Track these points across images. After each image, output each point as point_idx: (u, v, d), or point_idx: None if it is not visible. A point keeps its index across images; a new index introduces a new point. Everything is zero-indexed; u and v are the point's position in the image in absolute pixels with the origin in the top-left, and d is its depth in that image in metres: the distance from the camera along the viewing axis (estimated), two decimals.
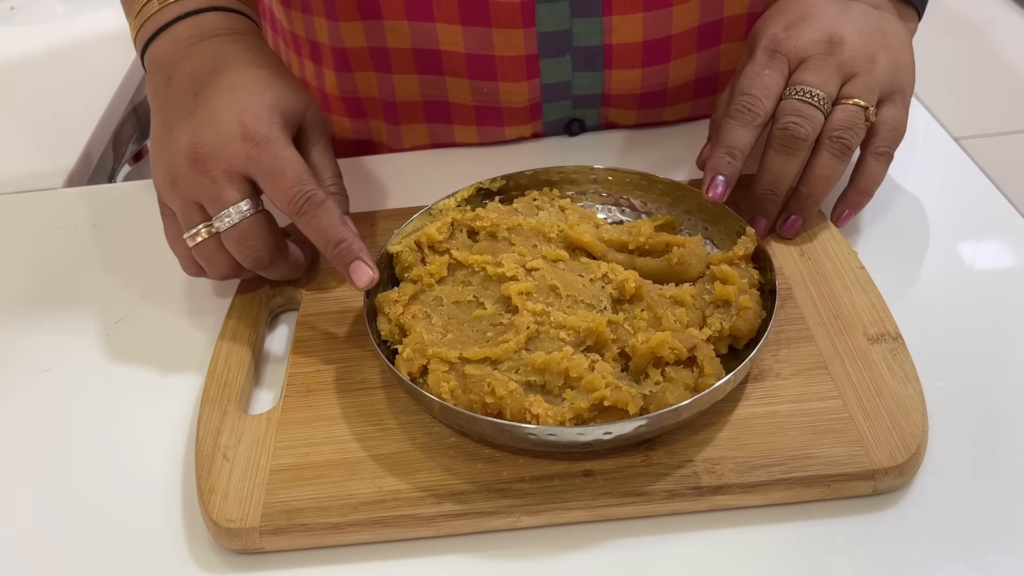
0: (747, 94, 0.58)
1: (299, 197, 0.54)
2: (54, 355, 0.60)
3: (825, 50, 0.59)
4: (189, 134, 0.55)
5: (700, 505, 0.47)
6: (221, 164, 0.54)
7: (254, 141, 0.54)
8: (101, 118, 0.99)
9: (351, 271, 0.54)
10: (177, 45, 0.60)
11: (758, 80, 0.59)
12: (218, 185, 0.54)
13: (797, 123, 0.57)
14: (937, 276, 0.61)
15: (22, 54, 1.13)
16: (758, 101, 0.58)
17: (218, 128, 0.54)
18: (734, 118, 0.58)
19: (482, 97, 0.74)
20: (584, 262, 0.57)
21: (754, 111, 0.58)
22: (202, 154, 0.54)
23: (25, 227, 0.74)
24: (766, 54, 0.59)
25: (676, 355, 0.50)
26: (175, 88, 0.58)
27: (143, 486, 0.51)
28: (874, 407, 0.50)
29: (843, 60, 0.58)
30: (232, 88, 0.56)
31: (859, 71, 0.59)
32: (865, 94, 0.58)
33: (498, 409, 0.48)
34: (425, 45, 0.72)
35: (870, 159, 0.60)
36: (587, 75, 0.73)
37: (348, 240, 0.54)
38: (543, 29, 0.70)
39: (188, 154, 0.54)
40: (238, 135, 0.54)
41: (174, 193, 0.56)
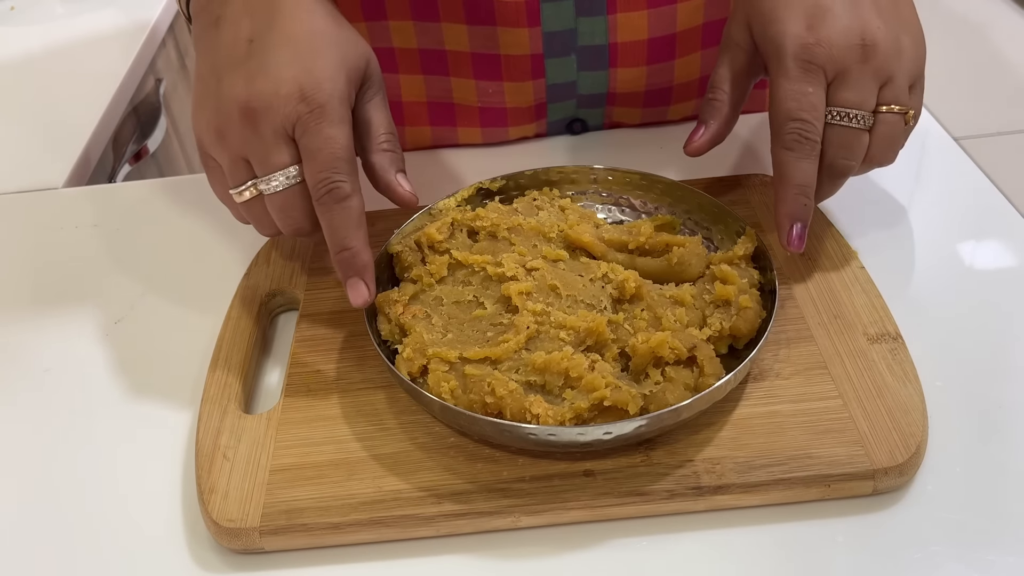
0: (799, 120, 0.54)
1: (324, 185, 0.51)
2: (54, 355, 0.60)
3: (860, 57, 0.54)
4: (242, 85, 0.51)
5: (700, 505, 0.47)
6: (274, 123, 0.51)
7: (309, 107, 0.51)
8: (101, 118, 1.00)
9: (348, 285, 0.52)
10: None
11: (805, 101, 0.54)
12: (267, 145, 0.51)
13: (847, 158, 0.55)
14: (937, 276, 0.61)
15: (22, 54, 1.13)
16: (812, 127, 0.54)
17: (275, 86, 0.51)
18: (794, 150, 0.54)
19: (487, 98, 0.74)
20: (584, 262, 0.57)
21: (811, 138, 0.54)
22: (255, 109, 0.51)
23: (25, 227, 0.74)
24: (800, 67, 0.54)
25: (676, 355, 0.50)
26: (225, 30, 0.54)
27: (143, 486, 0.51)
28: (874, 407, 0.50)
29: (878, 65, 0.55)
30: (292, 42, 0.52)
31: (893, 72, 0.55)
32: (902, 96, 0.56)
33: (498, 409, 0.48)
34: (430, 45, 0.72)
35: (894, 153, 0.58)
36: (592, 74, 0.73)
37: (354, 249, 0.52)
38: (548, 29, 0.70)
39: (241, 107, 0.51)
40: (295, 96, 0.51)
41: (221, 146, 0.53)
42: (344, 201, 0.52)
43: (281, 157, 0.52)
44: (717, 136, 0.60)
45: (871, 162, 0.57)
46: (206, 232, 0.70)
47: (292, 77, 0.51)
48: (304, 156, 0.52)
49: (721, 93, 0.60)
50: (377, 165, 0.56)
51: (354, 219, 0.52)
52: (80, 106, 1.01)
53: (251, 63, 0.52)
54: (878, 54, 0.55)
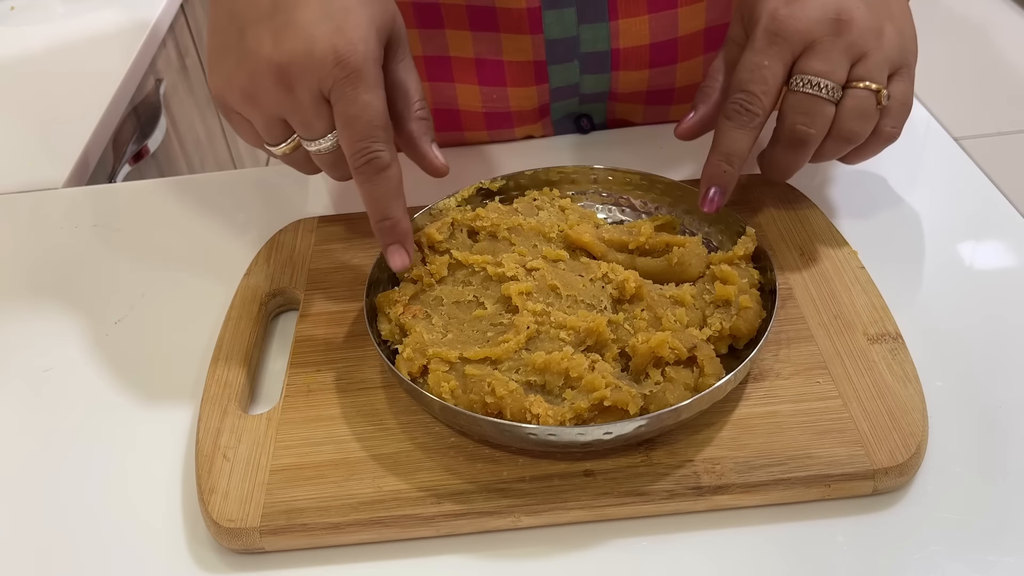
0: (745, 91, 0.54)
1: (362, 155, 0.50)
2: (54, 355, 0.60)
3: (832, 31, 0.53)
4: (270, 42, 0.49)
5: (700, 505, 0.47)
6: (310, 86, 0.49)
7: (345, 71, 0.49)
8: (101, 118, 1.00)
9: (389, 252, 0.54)
10: None
11: (757, 73, 0.54)
12: (306, 110, 0.50)
13: (806, 124, 0.54)
14: (937, 276, 0.61)
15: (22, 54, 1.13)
16: (757, 99, 0.54)
17: (308, 45, 0.49)
18: (731, 119, 0.55)
19: (491, 103, 0.74)
20: (584, 262, 0.57)
21: (752, 111, 0.54)
22: (290, 72, 0.49)
23: (25, 227, 0.74)
24: (766, 38, 0.54)
25: (676, 355, 0.50)
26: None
27: (143, 486, 0.51)
28: (874, 407, 0.50)
29: (851, 41, 0.53)
30: None
31: (869, 50, 0.54)
32: (876, 74, 0.54)
33: (498, 409, 0.48)
34: (435, 52, 0.72)
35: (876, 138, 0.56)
36: (595, 77, 0.73)
37: (395, 219, 0.53)
38: (550, 36, 0.70)
39: (273, 68, 0.49)
40: (330, 59, 0.48)
41: (252, 106, 0.51)
42: (384, 171, 0.51)
43: (322, 124, 0.51)
44: (706, 120, 0.60)
45: (838, 138, 0.55)
46: (206, 232, 0.70)
47: (324, 36, 0.49)
48: (340, 123, 0.50)
49: (714, 80, 0.60)
50: (414, 133, 0.56)
51: (393, 188, 0.52)
52: (80, 106, 1.01)
53: (277, 18, 0.50)
54: (852, 30, 0.53)
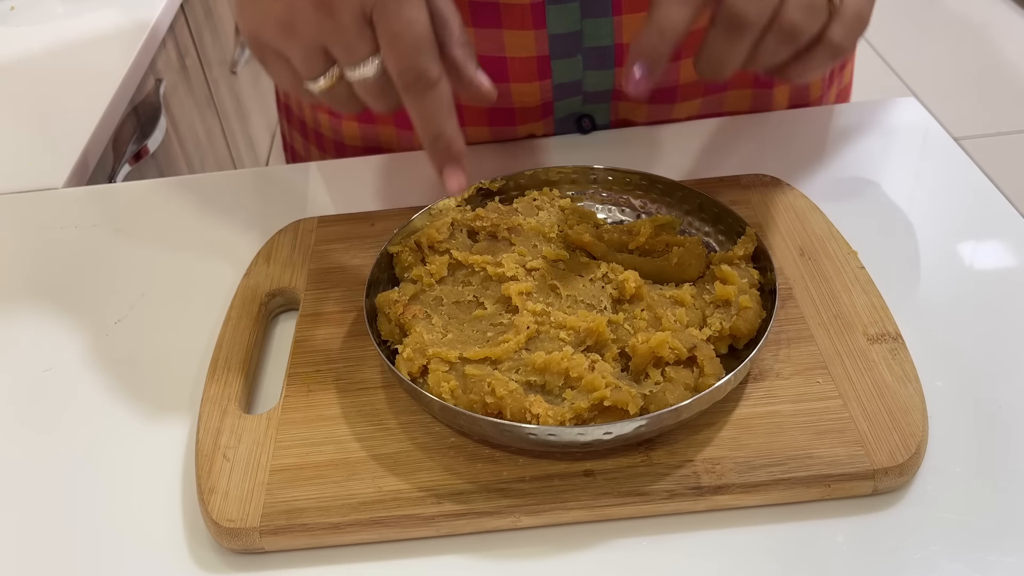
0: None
1: (410, 72, 0.48)
2: (54, 355, 0.60)
3: None
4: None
5: (700, 505, 0.47)
6: (352, 6, 0.47)
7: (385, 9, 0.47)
8: (101, 118, 1.00)
9: (446, 173, 0.51)
10: None
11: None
12: (349, 32, 0.48)
13: (745, 4, 0.48)
14: (937, 276, 0.61)
15: (22, 54, 1.13)
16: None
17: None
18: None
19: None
20: (584, 262, 0.57)
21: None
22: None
23: (25, 227, 0.74)
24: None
25: (676, 355, 0.50)
26: None
27: (143, 486, 0.51)
28: (874, 407, 0.50)
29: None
30: None
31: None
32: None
33: (498, 409, 0.48)
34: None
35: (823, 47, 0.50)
36: (598, 73, 0.73)
37: (449, 136, 0.50)
38: (553, 31, 0.70)
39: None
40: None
41: (291, 38, 0.49)
42: (435, 87, 0.49)
43: (366, 46, 0.49)
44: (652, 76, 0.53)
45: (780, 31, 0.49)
46: (206, 232, 0.70)
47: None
48: (384, 42, 0.48)
49: None
50: (459, 59, 0.53)
51: (445, 104, 0.50)
52: (80, 106, 1.01)
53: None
54: None
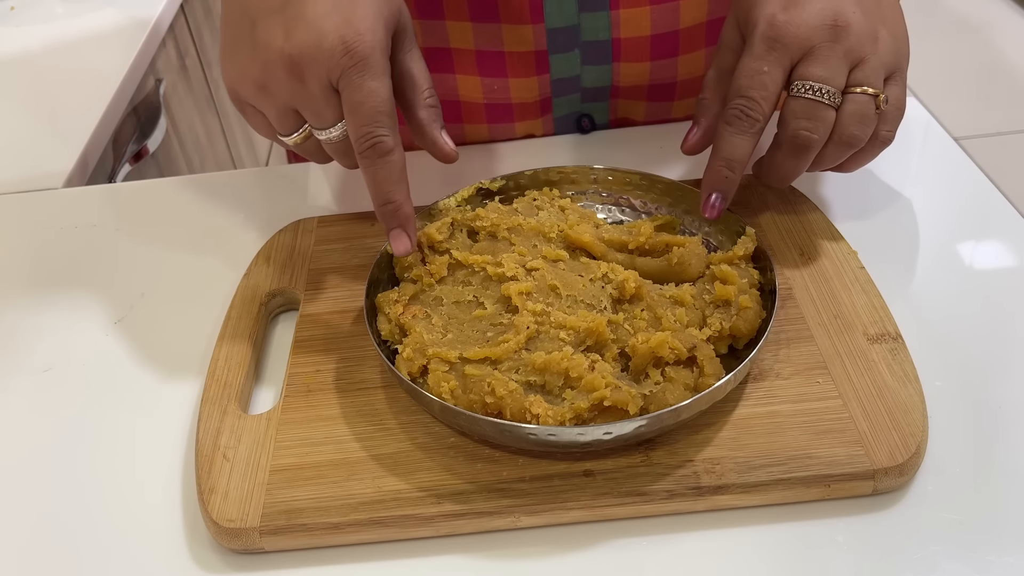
0: (745, 96, 0.54)
1: (366, 140, 0.52)
2: (54, 355, 0.60)
3: (830, 37, 0.54)
4: (281, 35, 0.51)
5: (700, 505, 0.47)
6: (320, 76, 0.51)
7: (353, 60, 0.51)
8: (101, 118, 1.00)
9: (391, 236, 0.54)
10: None
11: (757, 79, 0.54)
12: (317, 100, 0.52)
13: (809, 129, 0.54)
14: (937, 276, 0.61)
15: (22, 54, 1.13)
16: (757, 105, 0.54)
17: (318, 37, 0.50)
18: (731, 124, 0.55)
19: (492, 95, 0.75)
20: (584, 262, 0.57)
21: (752, 116, 0.55)
22: (300, 63, 0.51)
23: (25, 227, 0.74)
24: (765, 44, 0.54)
25: (676, 355, 0.50)
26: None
27: (143, 486, 0.51)
28: (874, 407, 0.50)
29: (849, 47, 0.54)
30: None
31: (866, 55, 0.54)
32: (874, 79, 0.55)
33: (498, 409, 0.48)
34: (435, 43, 0.72)
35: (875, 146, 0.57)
36: (596, 68, 0.74)
37: (398, 203, 0.53)
38: (551, 25, 0.70)
39: (285, 59, 0.51)
40: (339, 49, 0.50)
41: (264, 98, 0.53)
42: (387, 156, 0.52)
43: (333, 112, 0.53)
44: (709, 132, 0.61)
45: (840, 143, 0.55)
46: (206, 232, 0.70)
47: (333, 28, 0.50)
48: (346, 110, 0.52)
49: (710, 92, 0.61)
50: (423, 121, 0.57)
51: (396, 172, 0.53)
52: (80, 106, 1.01)
53: (288, 11, 0.51)
54: (850, 36, 0.54)
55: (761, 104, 0.54)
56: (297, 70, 0.51)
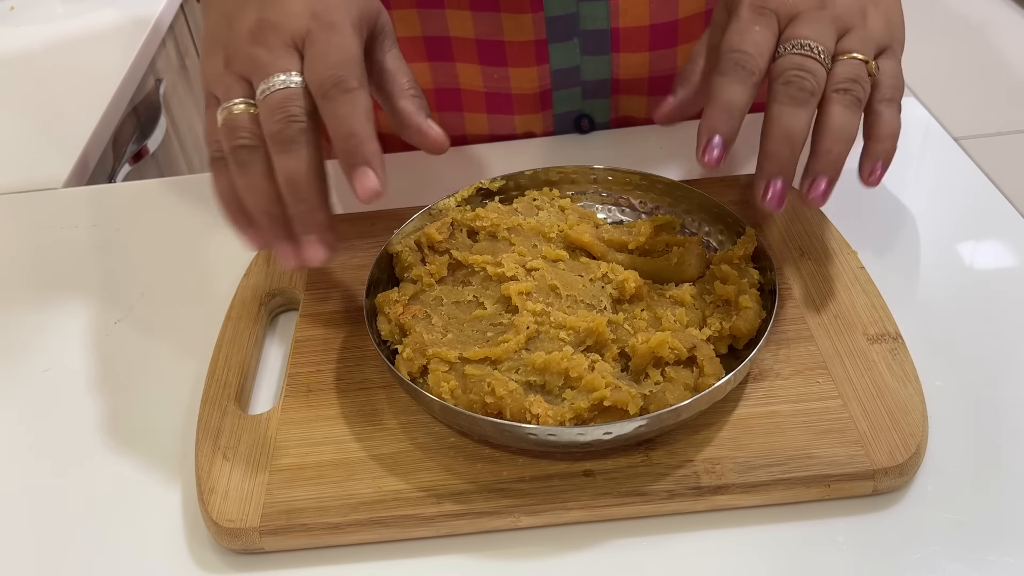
0: (738, 51, 0.52)
1: (329, 80, 0.47)
2: (54, 355, 0.60)
3: (816, 4, 0.53)
4: (255, 15, 0.50)
5: (700, 505, 0.47)
6: (282, 35, 0.49)
7: (320, 23, 0.49)
8: (101, 118, 1.00)
9: (355, 176, 0.47)
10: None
11: (748, 36, 0.52)
12: (274, 54, 0.49)
13: (801, 75, 0.51)
14: (937, 276, 0.61)
15: (22, 54, 1.13)
16: (751, 57, 0.52)
17: (286, 8, 0.49)
18: (727, 74, 0.52)
19: (492, 83, 0.75)
20: (584, 262, 0.57)
21: (748, 68, 0.51)
22: (264, 27, 0.49)
23: (25, 227, 0.74)
24: (752, 11, 0.53)
25: (676, 355, 0.50)
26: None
27: (143, 486, 0.51)
28: (874, 407, 0.50)
29: (836, 14, 0.53)
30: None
31: (853, 25, 0.54)
32: (862, 48, 0.53)
33: (498, 409, 0.48)
34: (435, 33, 0.73)
35: (881, 107, 0.54)
36: (595, 59, 0.74)
37: (362, 136, 0.47)
38: (551, 13, 0.71)
39: (250, 29, 0.49)
40: (306, 14, 0.49)
41: (225, 73, 0.50)
42: (351, 92, 0.47)
43: (286, 62, 0.48)
44: (686, 103, 0.60)
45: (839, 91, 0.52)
46: (206, 232, 0.70)
47: (304, 4, 0.49)
48: (309, 61, 0.49)
49: (693, 64, 0.60)
50: (405, 110, 0.54)
51: (361, 109, 0.48)
52: (80, 106, 1.01)
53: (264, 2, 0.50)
54: (836, 4, 0.53)
55: (755, 57, 0.52)
56: (261, 33, 0.49)
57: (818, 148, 0.52)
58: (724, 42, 0.53)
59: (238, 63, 0.50)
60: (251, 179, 0.48)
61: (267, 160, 0.48)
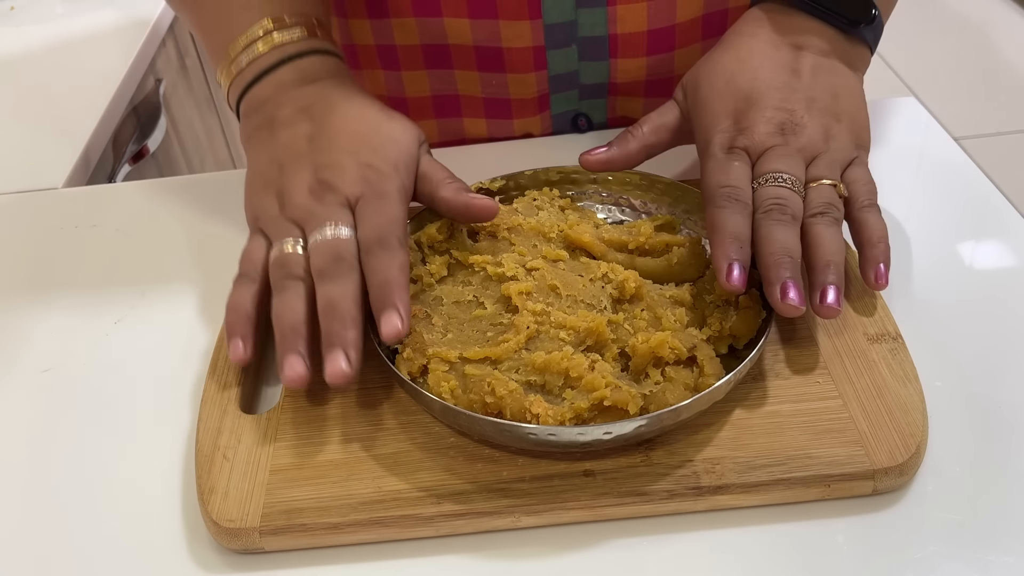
0: (727, 185, 0.54)
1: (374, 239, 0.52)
2: (54, 355, 0.60)
3: (782, 140, 0.56)
4: (311, 175, 0.54)
5: (700, 505, 0.47)
6: (338, 196, 0.53)
7: (372, 189, 0.54)
8: (101, 118, 1.00)
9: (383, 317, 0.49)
10: (281, 87, 0.59)
11: (731, 172, 0.54)
12: (330, 210, 0.53)
13: (780, 203, 0.53)
14: (937, 276, 0.61)
15: (22, 54, 1.13)
16: (739, 189, 0.54)
17: (344, 175, 0.54)
18: (724, 207, 0.53)
19: (491, 89, 0.75)
20: (584, 262, 0.57)
21: (740, 199, 0.53)
22: (323, 187, 0.54)
23: (25, 227, 0.74)
24: (725, 151, 0.56)
25: (676, 355, 0.50)
26: (282, 131, 0.57)
27: (143, 486, 0.51)
28: (874, 407, 0.50)
29: (802, 145, 0.56)
30: (352, 140, 0.56)
31: (819, 152, 0.56)
32: (830, 172, 0.56)
33: (498, 409, 0.48)
34: (433, 40, 0.73)
35: (863, 215, 0.56)
36: (593, 64, 0.74)
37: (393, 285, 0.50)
38: (549, 21, 0.71)
39: (309, 186, 0.54)
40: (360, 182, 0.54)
41: (280, 217, 0.54)
42: (392, 249, 0.51)
43: (339, 217, 0.53)
44: (611, 162, 0.61)
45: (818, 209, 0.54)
46: (206, 232, 0.70)
47: (359, 172, 0.54)
48: (360, 220, 0.53)
49: (639, 131, 0.61)
50: (446, 197, 0.56)
51: (397, 263, 0.51)
52: (80, 106, 1.01)
53: (316, 156, 0.55)
54: (802, 134, 0.56)
55: (742, 188, 0.54)
56: (318, 190, 0.54)
57: (816, 264, 0.53)
58: (709, 179, 0.55)
59: (295, 211, 0.54)
60: (290, 299, 0.51)
61: (310, 290, 0.52)
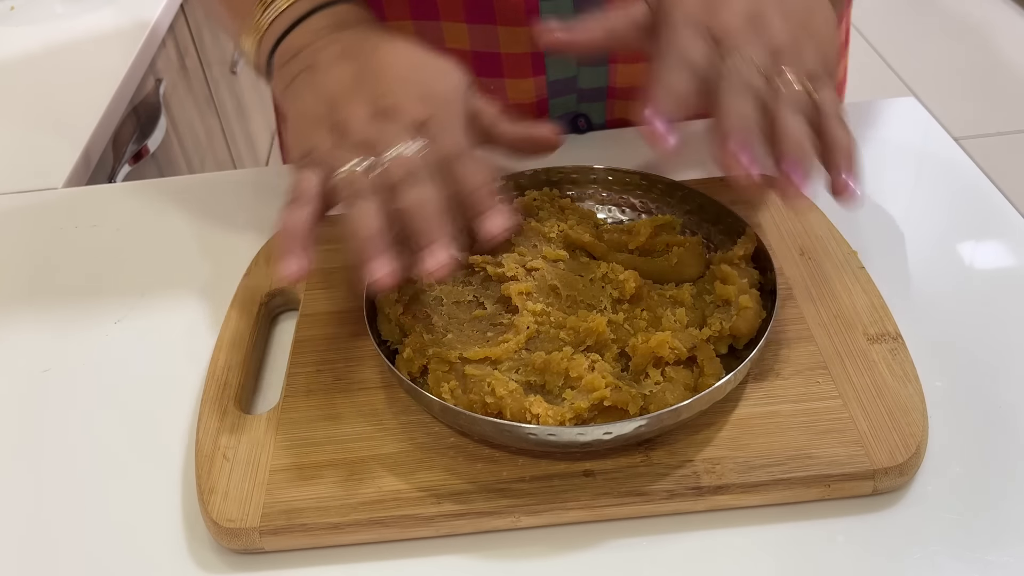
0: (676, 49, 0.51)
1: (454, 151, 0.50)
2: (54, 355, 0.60)
3: (750, 28, 0.51)
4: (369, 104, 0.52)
5: (700, 505, 0.47)
6: (404, 118, 0.51)
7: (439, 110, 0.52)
8: (101, 118, 1.00)
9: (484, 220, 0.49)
10: (316, 34, 0.57)
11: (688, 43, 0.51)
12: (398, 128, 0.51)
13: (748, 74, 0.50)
14: (937, 276, 0.61)
15: (22, 54, 1.13)
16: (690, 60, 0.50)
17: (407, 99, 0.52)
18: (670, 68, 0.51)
19: (489, 94, 0.75)
20: (584, 262, 0.57)
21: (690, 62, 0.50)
22: (387, 111, 0.51)
23: (25, 227, 0.74)
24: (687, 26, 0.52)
25: (676, 355, 0.50)
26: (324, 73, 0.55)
27: (143, 486, 0.51)
28: (874, 407, 0.50)
29: (768, 41, 0.51)
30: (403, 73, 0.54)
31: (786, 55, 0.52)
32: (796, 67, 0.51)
33: (498, 409, 0.48)
34: (430, 44, 0.72)
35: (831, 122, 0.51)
36: (593, 69, 0.74)
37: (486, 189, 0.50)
38: None
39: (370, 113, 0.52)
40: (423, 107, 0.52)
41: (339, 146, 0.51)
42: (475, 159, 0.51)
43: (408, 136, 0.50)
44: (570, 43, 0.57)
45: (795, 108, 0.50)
46: (206, 232, 0.70)
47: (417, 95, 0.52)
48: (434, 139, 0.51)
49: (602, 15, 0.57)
50: (506, 126, 0.56)
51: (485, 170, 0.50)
52: (80, 106, 1.01)
53: (370, 88, 0.53)
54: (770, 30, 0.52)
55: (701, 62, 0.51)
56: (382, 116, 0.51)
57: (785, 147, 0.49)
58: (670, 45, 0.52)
59: (358, 138, 0.51)
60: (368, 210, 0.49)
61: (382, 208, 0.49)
